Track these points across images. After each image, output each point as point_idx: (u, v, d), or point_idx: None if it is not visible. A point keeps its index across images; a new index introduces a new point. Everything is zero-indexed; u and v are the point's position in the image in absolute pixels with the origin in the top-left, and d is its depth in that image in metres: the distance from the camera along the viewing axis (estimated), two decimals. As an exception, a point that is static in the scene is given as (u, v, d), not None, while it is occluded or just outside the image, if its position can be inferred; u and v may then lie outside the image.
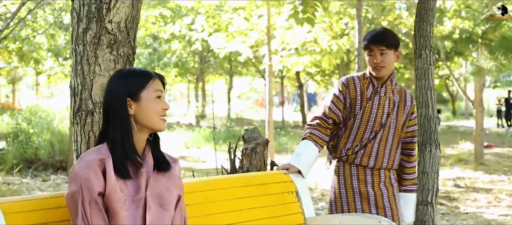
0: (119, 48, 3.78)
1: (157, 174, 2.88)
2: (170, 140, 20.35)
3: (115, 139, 2.75)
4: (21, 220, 2.89)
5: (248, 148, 4.92)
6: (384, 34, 4.14)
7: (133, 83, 2.80)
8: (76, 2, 3.77)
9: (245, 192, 3.89)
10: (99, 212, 2.67)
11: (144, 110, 2.79)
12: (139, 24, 12.89)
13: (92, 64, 3.74)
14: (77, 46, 3.76)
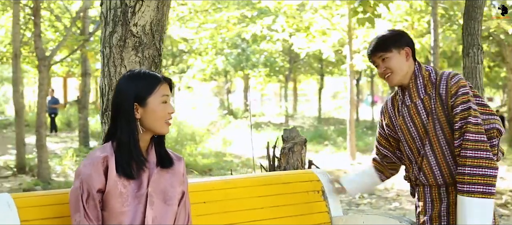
0: (144, 50, 3.92)
1: (160, 171, 2.98)
2: (258, 140, 20.52)
3: (121, 140, 2.88)
4: (34, 215, 3.05)
5: (286, 147, 4.98)
6: (378, 39, 3.65)
7: (141, 87, 2.90)
8: (104, 6, 3.94)
9: (267, 190, 3.94)
10: (94, 208, 2.81)
11: (150, 115, 2.89)
12: (222, 25, 13.10)
13: (118, 66, 3.89)
14: (104, 48, 3.92)
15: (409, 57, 3.63)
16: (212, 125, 23.89)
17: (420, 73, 3.61)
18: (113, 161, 2.85)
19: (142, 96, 2.88)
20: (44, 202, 3.11)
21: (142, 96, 2.88)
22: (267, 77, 28.21)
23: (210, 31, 20.90)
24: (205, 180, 3.98)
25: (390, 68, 3.58)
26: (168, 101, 2.94)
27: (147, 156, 2.96)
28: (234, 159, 16.82)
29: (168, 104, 2.94)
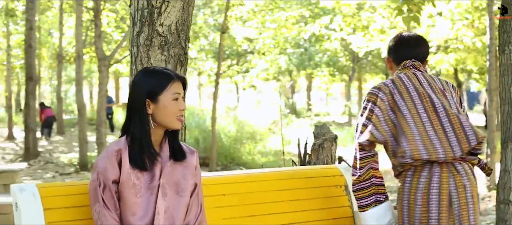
0: (169, 49, 4.09)
1: (173, 164, 3.15)
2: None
3: (134, 134, 3.07)
4: (57, 203, 3.26)
5: (316, 143, 5.09)
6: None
7: (153, 84, 3.07)
8: (132, 7, 4.13)
9: (288, 184, 4.05)
10: (111, 198, 3.01)
11: (161, 111, 3.07)
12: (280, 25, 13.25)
13: (144, 64, 4.07)
14: (132, 48, 4.11)
15: (390, 65, 3.85)
16: (274, 124, 24.04)
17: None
18: (126, 154, 3.04)
19: (154, 92, 3.05)
20: (66, 192, 3.31)
21: (154, 92, 3.05)
22: (330, 76, 28.18)
23: (272, 31, 21.10)
24: (226, 173, 4.13)
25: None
26: (179, 98, 3.10)
27: (160, 149, 3.14)
28: (293, 157, 16.89)
29: (179, 101, 3.09)
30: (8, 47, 23.71)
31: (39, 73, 29.88)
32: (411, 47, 3.77)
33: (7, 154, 18.96)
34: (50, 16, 25.16)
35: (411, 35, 3.87)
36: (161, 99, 3.05)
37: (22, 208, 3.17)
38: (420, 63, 3.76)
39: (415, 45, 3.78)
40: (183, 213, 3.15)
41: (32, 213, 3.18)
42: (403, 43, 3.80)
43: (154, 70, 3.17)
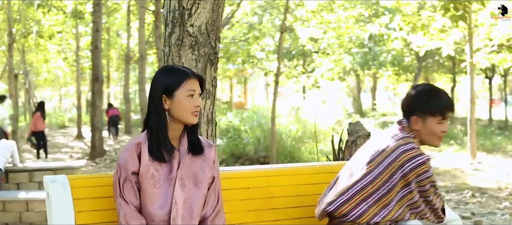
0: (200, 48, 4.29)
1: (192, 157, 3.34)
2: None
3: (152, 128, 3.27)
4: (86, 194, 3.48)
5: (350, 140, 5.20)
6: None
7: (170, 81, 3.26)
8: (165, 8, 4.34)
9: (310, 178, 4.18)
10: (131, 188, 3.22)
11: (177, 106, 3.25)
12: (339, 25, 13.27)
13: (176, 63, 4.28)
14: (165, 47, 4.33)
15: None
16: (337, 124, 24.03)
17: None
18: (146, 147, 3.24)
19: (170, 89, 3.24)
20: (95, 183, 3.53)
21: (170, 89, 3.24)
22: (395, 76, 27.96)
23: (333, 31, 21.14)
24: (250, 168, 4.29)
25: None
26: (195, 95, 3.26)
27: (179, 143, 3.33)
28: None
29: (194, 98, 3.26)
30: (77, 48, 24.43)
31: (108, 74, 30.68)
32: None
33: (75, 152, 19.61)
34: (119, 18, 25.81)
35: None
36: (177, 95, 3.23)
37: (53, 197, 3.40)
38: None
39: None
40: (201, 204, 3.32)
41: (62, 202, 3.40)
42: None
43: (172, 67, 3.36)
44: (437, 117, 3.51)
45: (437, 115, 3.51)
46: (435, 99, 3.52)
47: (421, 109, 3.51)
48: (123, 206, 3.19)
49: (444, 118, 3.53)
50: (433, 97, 3.53)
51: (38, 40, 22.38)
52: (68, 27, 24.12)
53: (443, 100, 3.53)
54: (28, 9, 20.37)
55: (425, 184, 3.43)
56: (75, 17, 20.52)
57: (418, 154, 3.43)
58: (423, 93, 3.55)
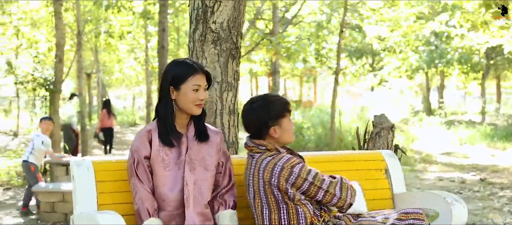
0: (222, 44, 4.57)
1: (199, 143, 3.64)
2: (446, 137, 20.40)
3: (161, 116, 3.60)
4: (108, 177, 3.80)
5: (374, 132, 5.38)
6: None
7: (177, 74, 3.56)
8: (190, 7, 4.64)
9: (329, 166, 4.39)
10: (144, 172, 3.55)
11: (182, 98, 3.56)
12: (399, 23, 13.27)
13: (200, 58, 4.58)
14: (189, 43, 4.63)
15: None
16: (402, 122, 23.94)
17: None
18: (156, 134, 3.56)
19: (176, 81, 3.55)
20: (116, 167, 3.84)
21: (177, 81, 3.54)
22: (463, 74, 27.56)
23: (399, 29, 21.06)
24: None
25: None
26: (200, 90, 3.55)
27: (187, 130, 3.62)
28: (415, 155, 16.92)
29: (199, 92, 3.55)
30: (146, 48, 25.07)
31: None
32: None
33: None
34: (187, 18, 26.26)
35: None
36: (183, 88, 3.53)
37: (77, 180, 3.73)
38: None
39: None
40: (210, 185, 3.65)
41: (86, 184, 3.73)
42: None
43: (182, 61, 3.64)
44: (287, 116, 3.76)
45: (286, 114, 3.75)
46: (276, 103, 3.74)
47: (273, 117, 3.70)
48: (138, 188, 3.51)
49: (290, 113, 3.79)
50: (273, 103, 3.73)
51: (108, 40, 23.08)
52: (138, 27, 24.79)
53: (278, 101, 3.77)
54: (98, 10, 21.07)
55: (300, 185, 3.61)
56: (143, 17, 21.09)
57: (278, 160, 3.63)
58: (264, 106, 3.71)
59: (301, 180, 3.59)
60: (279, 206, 3.63)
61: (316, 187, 3.61)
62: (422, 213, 3.62)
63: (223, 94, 4.60)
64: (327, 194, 3.64)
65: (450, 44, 23.45)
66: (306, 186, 3.60)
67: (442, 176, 13.07)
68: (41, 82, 13.11)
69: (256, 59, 26.16)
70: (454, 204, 4.03)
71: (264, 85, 38.83)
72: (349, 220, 3.71)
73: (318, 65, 31.71)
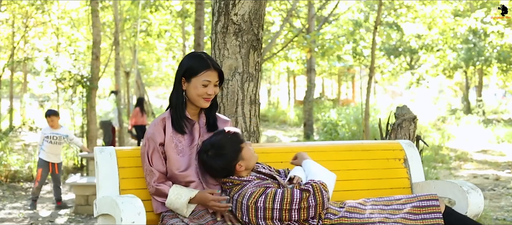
0: (243, 35, 4.68)
1: (209, 131, 3.80)
2: (483, 135, 20.21)
3: (173, 104, 3.77)
4: (129, 163, 3.94)
5: (396, 123, 5.43)
6: None
7: (190, 67, 3.71)
8: (212, 0, 4.76)
9: (346, 155, 4.47)
10: (159, 158, 3.72)
11: (192, 90, 3.71)
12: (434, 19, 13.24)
13: (222, 49, 4.69)
14: (212, 35, 4.75)
15: None
16: (439, 120, 23.79)
17: None
18: (169, 122, 3.74)
19: (188, 74, 3.71)
20: (138, 154, 3.97)
21: (188, 74, 3.71)
22: (503, 72, 27.20)
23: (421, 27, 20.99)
24: (288, 144, 4.63)
25: None
26: (209, 85, 3.69)
27: (198, 118, 3.81)
28: (450, 152, 16.82)
29: (208, 87, 3.69)
30: (183, 47, 25.30)
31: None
32: None
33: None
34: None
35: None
36: (193, 81, 3.68)
37: (100, 165, 3.87)
38: None
39: None
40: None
41: (108, 169, 3.87)
42: None
43: (197, 55, 3.78)
44: (243, 146, 3.74)
45: (242, 146, 3.74)
46: (228, 144, 3.70)
47: (233, 158, 3.69)
48: (154, 173, 3.68)
49: (244, 141, 3.77)
50: (224, 146, 3.68)
51: (146, 39, 23.35)
52: (176, 26, 25.02)
53: (228, 140, 3.70)
54: (136, 9, 21.35)
55: (271, 215, 3.55)
56: (181, 16, 21.31)
57: (242, 197, 3.62)
58: (219, 153, 3.67)
59: (269, 212, 3.51)
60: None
61: (287, 211, 3.51)
62: (436, 195, 3.68)
63: (244, 85, 4.70)
64: (302, 211, 3.53)
65: (488, 41, 23.22)
66: (277, 214, 3.52)
67: (477, 173, 13.00)
68: (78, 79, 13.37)
69: (293, 58, 26.21)
70: (470, 192, 4.08)
71: (302, 84, 38.88)
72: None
73: (356, 64, 31.66)
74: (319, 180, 3.64)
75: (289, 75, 35.94)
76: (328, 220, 3.61)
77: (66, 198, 10.61)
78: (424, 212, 3.62)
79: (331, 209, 3.68)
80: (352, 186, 4.37)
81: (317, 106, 28.81)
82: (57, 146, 9.77)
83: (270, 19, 20.76)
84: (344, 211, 3.68)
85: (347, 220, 3.61)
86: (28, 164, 12.81)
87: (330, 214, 3.65)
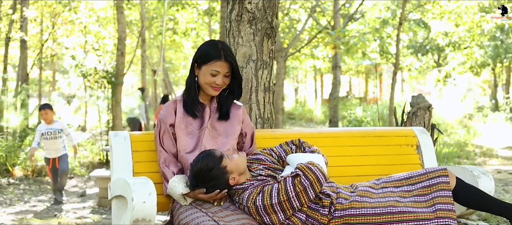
0: (257, 23, 4.75)
1: (220, 119, 3.89)
2: (510, 132, 20.02)
3: (186, 87, 3.87)
4: (143, 147, 4.04)
5: (411, 111, 5.46)
6: None
7: (203, 55, 3.80)
8: (227, -11, 4.84)
9: (360, 141, 4.52)
10: (169, 139, 3.83)
11: (201, 77, 3.81)
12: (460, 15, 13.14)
13: (236, 37, 4.77)
14: (226, 23, 4.82)
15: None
16: (466, 117, 23.62)
17: None
18: (181, 105, 3.86)
19: (200, 61, 3.81)
20: (151, 138, 4.06)
21: (200, 61, 3.81)
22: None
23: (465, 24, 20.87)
24: (299, 130, 4.68)
25: None
26: (218, 76, 3.76)
27: (210, 103, 3.90)
28: (475, 149, 16.72)
29: (217, 77, 3.77)
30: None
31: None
32: None
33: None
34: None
35: None
36: (204, 68, 3.77)
37: (115, 149, 3.97)
38: None
39: None
40: (231, 152, 3.83)
41: (123, 153, 3.97)
42: None
43: (213, 44, 3.85)
44: (227, 162, 3.70)
45: (225, 163, 3.69)
46: (213, 170, 3.66)
47: (223, 177, 3.69)
48: (163, 153, 3.78)
49: (226, 157, 3.71)
50: (210, 170, 3.65)
51: (173, 37, 23.50)
52: (202, 24, 25.14)
53: (213, 166, 3.65)
54: (162, 7, 21.50)
55: (272, 210, 3.59)
56: (207, 14, 21.43)
57: (242, 200, 3.69)
58: (207, 176, 3.65)
59: (269, 208, 3.54)
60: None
61: (285, 201, 3.53)
62: (445, 170, 3.70)
63: (258, 72, 4.77)
64: (301, 195, 3.55)
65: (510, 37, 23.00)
66: (278, 208, 3.55)
67: (501, 169, 12.92)
68: (103, 75, 13.53)
69: (319, 56, 26.18)
70: (481, 177, 4.11)
71: (329, 82, 38.72)
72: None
73: (383, 62, 31.53)
74: (305, 162, 3.67)
75: (316, 73, 35.88)
76: (339, 205, 3.64)
77: (90, 192, 10.77)
78: (434, 190, 3.65)
79: (342, 194, 3.72)
80: (365, 171, 4.41)
81: (343, 104, 28.74)
82: (53, 142, 9.56)
83: (296, 17, 20.81)
84: (355, 195, 3.72)
85: (358, 204, 3.64)
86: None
87: (341, 198, 3.68)
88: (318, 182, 3.58)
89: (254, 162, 3.90)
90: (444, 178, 3.67)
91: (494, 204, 3.77)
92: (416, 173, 3.79)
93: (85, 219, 8.28)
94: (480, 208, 3.81)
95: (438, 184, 3.66)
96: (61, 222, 7.94)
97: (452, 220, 3.55)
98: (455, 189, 3.71)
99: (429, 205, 3.62)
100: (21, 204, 9.51)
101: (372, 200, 3.67)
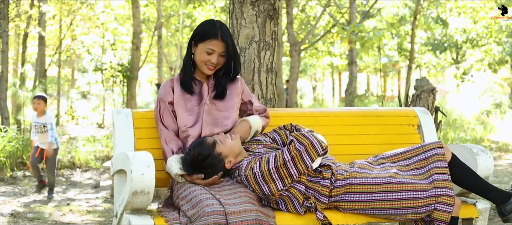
0: (260, 5, 4.80)
1: (216, 98, 3.95)
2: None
3: (184, 64, 3.97)
4: (145, 124, 4.11)
5: (415, 94, 5.48)
6: None
7: (200, 34, 3.89)
8: (230, -29, 4.90)
9: (359, 120, 4.56)
10: (169, 116, 3.92)
11: (197, 55, 3.89)
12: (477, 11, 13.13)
13: (239, 18, 4.83)
14: (230, 5, 4.88)
15: None
16: (483, 114, 23.50)
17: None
18: (178, 83, 3.95)
19: (197, 39, 3.89)
20: (152, 116, 4.13)
21: (197, 39, 3.89)
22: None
23: (482, 21, 20.76)
24: (301, 110, 4.73)
25: None
26: (213, 54, 3.84)
27: (207, 80, 3.97)
28: (491, 144, 16.64)
29: (212, 56, 3.85)
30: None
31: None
32: None
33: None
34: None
35: None
36: (200, 46, 3.86)
37: (117, 126, 4.04)
38: None
39: None
40: (233, 121, 3.95)
41: (125, 130, 4.04)
42: None
43: (211, 23, 3.94)
44: (221, 148, 3.78)
45: (219, 151, 3.78)
46: (209, 159, 3.73)
47: (219, 165, 3.76)
48: (164, 131, 3.87)
49: (218, 144, 3.79)
50: (206, 158, 3.72)
51: (190, 34, 23.57)
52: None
53: (208, 154, 3.72)
54: (179, 5, 21.62)
55: (270, 178, 3.61)
56: (224, 11, 21.53)
57: (241, 170, 3.74)
58: (206, 163, 3.71)
59: (267, 175, 3.56)
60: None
61: (282, 166, 3.55)
62: (440, 142, 3.75)
63: (261, 53, 4.83)
64: (297, 161, 3.57)
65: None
66: (276, 175, 3.56)
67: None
68: (118, 69, 13.65)
69: (336, 53, 26.19)
70: (480, 154, 4.14)
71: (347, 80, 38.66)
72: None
73: (401, 59, 31.47)
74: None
75: (334, 71, 35.84)
76: (340, 176, 3.69)
77: (104, 184, 10.87)
78: (430, 162, 3.71)
79: (342, 166, 3.77)
80: (366, 150, 4.43)
81: (361, 101, 28.69)
82: (41, 135, 9.20)
83: (312, 14, 20.85)
84: (356, 167, 3.79)
85: (359, 174, 3.70)
86: (70, 154, 13.13)
87: (342, 170, 3.73)
88: (313, 147, 3.59)
89: (253, 143, 3.95)
90: (440, 150, 3.72)
91: (482, 185, 3.83)
92: (411, 148, 3.85)
93: (97, 207, 8.38)
94: (468, 187, 3.87)
95: (434, 156, 3.72)
96: (72, 209, 8.04)
97: (449, 190, 3.60)
98: (449, 164, 3.75)
99: (426, 177, 3.67)
100: (35, 195, 9.62)
101: (372, 173, 3.73)
